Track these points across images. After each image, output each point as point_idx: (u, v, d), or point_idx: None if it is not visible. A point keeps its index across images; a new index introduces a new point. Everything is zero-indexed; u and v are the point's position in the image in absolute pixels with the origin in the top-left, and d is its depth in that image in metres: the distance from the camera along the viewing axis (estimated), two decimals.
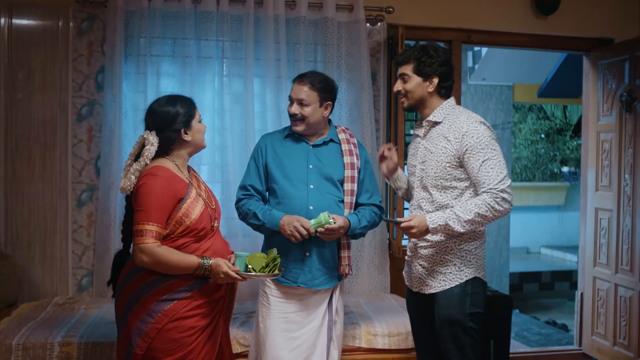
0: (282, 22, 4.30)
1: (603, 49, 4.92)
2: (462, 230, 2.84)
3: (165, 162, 2.79)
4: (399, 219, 2.93)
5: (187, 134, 2.83)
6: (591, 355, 5.01)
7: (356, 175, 3.26)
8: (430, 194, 3.00)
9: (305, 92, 3.17)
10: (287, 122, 4.25)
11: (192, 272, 2.67)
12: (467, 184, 2.95)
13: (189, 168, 2.95)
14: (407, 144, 3.80)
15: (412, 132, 3.26)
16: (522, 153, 12.48)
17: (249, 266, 2.76)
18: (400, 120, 4.37)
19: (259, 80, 4.35)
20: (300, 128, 3.22)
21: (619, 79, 4.72)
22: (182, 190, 2.74)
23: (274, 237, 3.18)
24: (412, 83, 3.02)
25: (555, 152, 12.61)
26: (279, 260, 2.82)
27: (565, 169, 12.67)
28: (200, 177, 3.01)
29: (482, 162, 2.85)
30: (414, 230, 2.83)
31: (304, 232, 3.02)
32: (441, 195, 2.97)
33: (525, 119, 12.61)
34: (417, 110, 3.11)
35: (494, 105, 7.94)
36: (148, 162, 2.76)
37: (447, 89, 3.06)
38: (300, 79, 3.22)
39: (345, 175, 3.24)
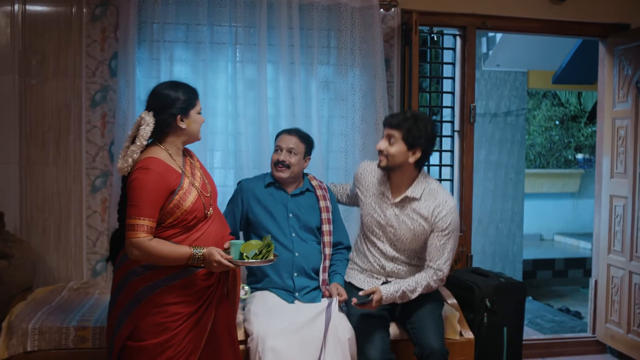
0: (296, 8, 4.28)
1: (619, 35, 4.87)
2: (400, 302, 3.32)
3: (159, 152, 2.85)
4: (367, 300, 3.22)
5: (182, 121, 2.88)
6: (605, 343, 5.00)
7: (331, 217, 3.67)
8: (399, 253, 3.47)
9: (294, 142, 3.60)
10: (300, 108, 4.30)
11: (185, 263, 2.76)
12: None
13: (186, 152, 3.02)
14: None
15: (380, 189, 3.51)
16: (536, 140, 12.41)
17: (244, 254, 2.81)
18: (414, 106, 4.35)
19: (272, 66, 4.34)
20: (285, 175, 3.58)
21: (636, 65, 4.67)
22: (175, 182, 2.81)
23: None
24: (397, 148, 3.30)
25: (569, 139, 12.52)
26: (272, 246, 2.89)
27: (579, 156, 12.59)
28: (196, 162, 3.07)
29: (442, 244, 3.33)
30: (374, 307, 3.24)
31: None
32: (407, 257, 3.48)
33: (539, 105, 12.52)
34: (390, 171, 3.42)
35: (508, 91, 7.87)
36: (144, 143, 2.81)
37: (424, 162, 3.43)
38: (288, 132, 3.66)
39: (322, 217, 3.64)
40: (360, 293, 3.24)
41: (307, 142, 3.69)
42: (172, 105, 2.86)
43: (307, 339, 3.20)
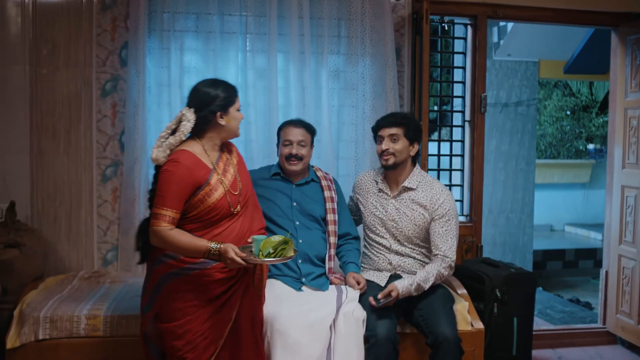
0: None
1: (631, 24, 4.83)
2: (415, 294, 3.36)
3: (193, 146, 2.94)
4: (388, 300, 3.29)
5: (222, 118, 2.96)
6: (615, 334, 4.98)
7: (336, 207, 3.68)
8: (403, 246, 3.58)
9: (303, 134, 3.61)
10: (310, 98, 4.29)
11: (202, 256, 2.84)
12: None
13: (225, 147, 3.10)
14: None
15: (378, 187, 3.69)
16: (547, 130, 12.35)
17: (261, 251, 2.84)
18: (424, 96, 4.34)
19: (282, 56, 4.33)
20: (298, 167, 3.62)
21: None
22: (203, 177, 2.90)
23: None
24: (401, 145, 3.53)
25: (580, 129, 12.46)
26: (290, 244, 2.89)
27: (590, 146, 12.53)
28: (233, 158, 3.12)
29: (445, 230, 3.46)
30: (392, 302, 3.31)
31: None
32: (411, 249, 3.58)
33: (550, 95, 12.46)
34: (393, 169, 3.58)
35: (519, 81, 7.84)
36: (184, 138, 2.92)
37: (417, 155, 3.66)
38: (293, 124, 3.65)
39: (327, 207, 3.66)
40: (379, 296, 3.29)
41: (312, 132, 3.71)
42: (212, 102, 2.94)
43: (316, 322, 3.23)
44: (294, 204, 3.62)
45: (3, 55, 4.12)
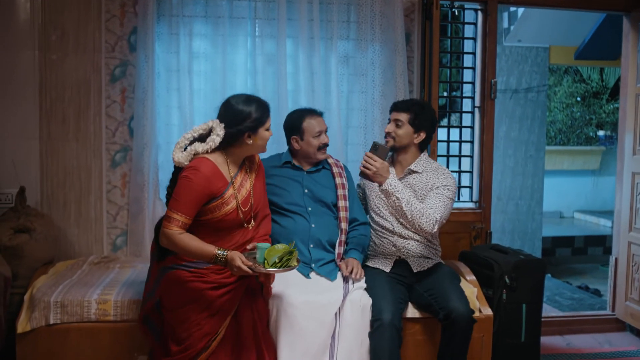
0: None
1: None
2: (398, 204, 3.33)
3: (216, 157, 3.02)
4: (385, 146, 3.39)
5: (250, 137, 3.03)
6: (624, 321, 4.98)
7: (347, 193, 3.70)
8: (407, 229, 3.56)
9: (324, 122, 3.68)
10: (319, 84, 4.28)
11: (209, 261, 2.94)
12: None
13: (247, 161, 3.18)
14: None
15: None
16: (557, 117, 12.29)
17: (266, 260, 2.90)
18: (434, 82, 4.32)
19: (291, 41, 4.32)
20: (326, 155, 3.72)
21: None
22: (219, 190, 2.99)
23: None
24: (404, 130, 3.58)
25: (591, 115, 12.39)
26: (295, 253, 2.94)
27: (600, 132, 12.46)
28: (252, 173, 3.20)
29: (436, 195, 3.47)
30: (369, 172, 3.31)
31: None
32: (413, 231, 3.53)
33: (560, 82, 12.39)
34: (395, 152, 3.67)
35: (529, 67, 7.79)
36: (210, 150, 3.00)
37: (427, 144, 3.69)
38: (316, 113, 3.68)
39: (338, 194, 3.69)
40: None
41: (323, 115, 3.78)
42: (243, 122, 3.00)
43: (322, 309, 3.26)
44: (306, 190, 3.64)
45: (12, 41, 4.12)
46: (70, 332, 3.37)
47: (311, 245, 3.55)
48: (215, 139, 2.99)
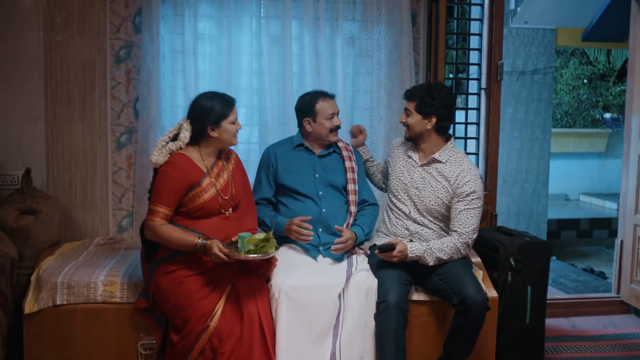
0: None
1: None
2: (431, 264, 3.39)
3: (190, 152, 3.25)
4: (390, 247, 3.34)
5: (213, 130, 3.22)
6: (629, 303, 4.98)
7: (356, 177, 3.74)
8: (422, 216, 3.57)
9: (337, 105, 3.69)
10: (325, 65, 4.27)
11: (191, 250, 3.09)
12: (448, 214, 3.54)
13: (224, 155, 3.39)
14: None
15: (408, 153, 3.69)
16: (564, 99, 12.23)
17: (244, 247, 3.04)
18: (440, 63, 4.30)
19: (297, 22, 4.29)
20: (337, 137, 3.74)
21: None
22: (195, 179, 3.19)
23: None
24: (413, 119, 3.53)
25: (597, 97, 12.32)
26: (271, 242, 3.07)
27: (607, 115, 12.38)
28: (230, 166, 3.40)
29: (466, 209, 3.43)
30: (395, 259, 3.34)
31: (305, 232, 3.46)
32: (430, 220, 3.56)
33: (567, 64, 12.31)
34: (415, 141, 3.63)
35: (536, 49, 7.74)
36: (183, 146, 3.23)
37: (446, 127, 3.61)
38: (328, 96, 3.68)
39: (348, 177, 3.71)
40: (381, 244, 3.39)
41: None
42: (205, 117, 3.20)
43: (324, 290, 3.29)
44: (317, 175, 3.66)
45: (17, 22, 4.11)
46: (76, 313, 3.39)
47: (320, 230, 3.59)
48: (185, 134, 3.22)
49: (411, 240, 3.56)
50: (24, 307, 3.35)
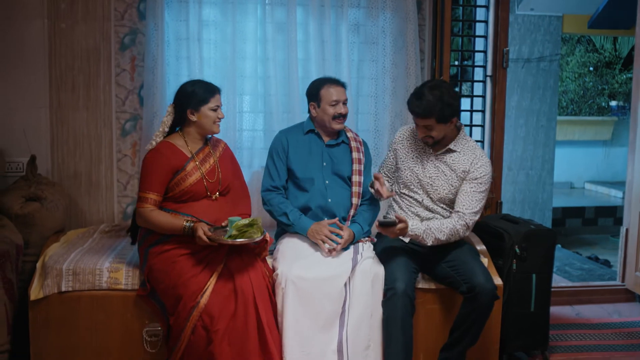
0: None
1: None
2: (429, 244, 3.35)
3: (175, 138, 3.36)
4: (391, 222, 3.25)
5: (193, 114, 3.31)
6: (634, 291, 4.97)
7: (363, 169, 3.71)
8: (435, 204, 3.53)
9: (344, 93, 3.65)
10: (330, 52, 4.25)
11: (179, 233, 3.18)
12: None
13: (210, 142, 3.48)
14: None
15: (422, 143, 3.59)
16: (569, 86, 12.18)
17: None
18: (445, 50, 4.28)
19: (301, 9, 4.28)
20: (342, 125, 3.68)
21: None
22: (179, 164, 3.28)
23: None
24: (438, 130, 3.41)
25: (603, 85, 12.27)
26: (256, 227, 3.12)
27: (613, 103, 12.34)
28: (217, 153, 3.47)
29: (472, 191, 3.42)
30: (392, 235, 3.28)
31: (335, 238, 3.46)
32: (442, 208, 3.54)
33: (573, 51, 12.25)
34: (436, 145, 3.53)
35: (542, 36, 7.69)
36: (166, 129, 3.36)
37: (459, 121, 3.57)
38: (335, 82, 3.65)
39: (354, 169, 3.68)
40: (382, 217, 3.38)
41: (346, 87, 3.73)
42: (186, 100, 3.31)
43: (330, 279, 3.30)
44: (324, 164, 3.66)
45: (22, 9, 4.10)
46: (82, 299, 3.40)
47: (326, 219, 3.59)
48: (168, 118, 3.36)
49: None
50: (30, 293, 3.36)
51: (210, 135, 3.47)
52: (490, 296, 3.22)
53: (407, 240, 3.52)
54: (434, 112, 3.33)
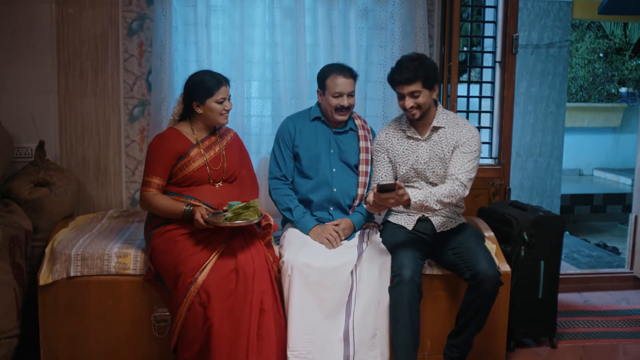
0: None
1: None
2: (437, 208, 3.25)
3: (182, 126, 3.42)
4: (392, 186, 3.08)
5: (198, 107, 3.34)
6: None
7: (370, 158, 3.65)
8: (433, 187, 3.42)
9: (352, 85, 3.56)
10: (338, 37, 4.24)
11: (180, 217, 3.23)
12: None
13: (218, 132, 3.50)
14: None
15: (407, 135, 3.55)
16: (579, 73, 12.12)
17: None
18: (454, 36, 4.25)
19: None
20: (345, 117, 3.61)
21: None
22: (184, 149, 3.33)
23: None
24: (423, 97, 3.39)
25: (613, 72, 12.20)
26: (252, 210, 3.15)
27: (623, 89, 12.28)
28: (224, 142, 3.49)
29: (463, 156, 3.38)
30: (392, 201, 3.10)
31: (336, 237, 3.44)
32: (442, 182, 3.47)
33: (583, 37, 12.19)
34: (420, 120, 3.49)
35: (552, 22, 7.65)
36: (176, 119, 3.45)
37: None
38: (343, 73, 3.54)
39: (360, 157, 3.64)
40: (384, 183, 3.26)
41: (356, 77, 3.64)
42: (192, 93, 3.35)
43: (337, 266, 3.29)
44: (332, 151, 3.63)
45: None
46: (90, 284, 3.42)
47: (331, 208, 3.60)
48: (176, 107, 3.43)
49: (424, 216, 3.54)
50: (39, 278, 3.38)
51: (218, 125, 3.48)
52: (493, 283, 3.21)
53: (414, 220, 3.51)
54: (419, 75, 3.34)
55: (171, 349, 3.21)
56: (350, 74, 3.58)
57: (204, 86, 3.30)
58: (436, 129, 3.50)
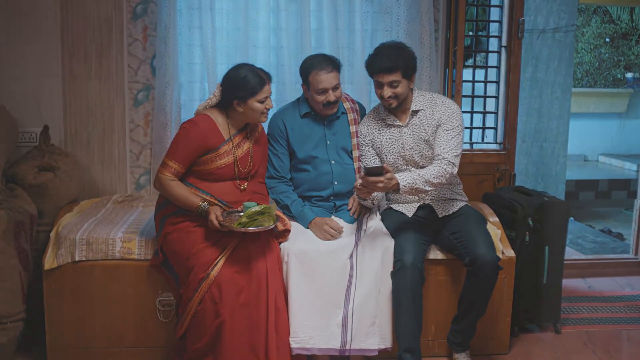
0: None
1: None
2: (428, 189, 3.23)
3: (217, 115, 3.28)
4: (380, 169, 3.08)
5: (239, 105, 3.22)
6: None
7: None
8: (424, 165, 3.44)
9: (336, 77, 3.42)
10: (343, 22, 4.22)
11: (194, 211, 3.17)
12: None
13: (250, 128, 3.39)
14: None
15: (387, 123, 3.53)
16: (585, 58, 12.07)
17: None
18: (460, 20, 4.23)
19: None
20: (333, 110, 3.52)
21: None
22: (214, 144, 3.22)
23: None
24: (402, 87, 3.36)
25: (619, 57, 12.14)
26: (267, 215, 3.09)
27: (629, 74, 12.22)
28: (252, 139, 3.40)
29: (447, 133, 3.36)
30: (381, 185, 3.05)
31: (336, 234, 3.38)
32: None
33: (589, 22, 12.12)
34: (397, 108, 3.46)
35: (558, 6, 7.59)
36: (208, 107, 3.29)
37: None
38: (324, 68, 3.39)
39: (352, 143, 3.60)
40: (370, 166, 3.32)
41: (339, 66, 3.49)
42: (234, 90, 3.19)
43: (335, 251, 3.31)
44: (328, 142, 3.59)
45: None
46: (95, 269, 3.43)
47: (331, 198, 3.61)
48: (212, 99, 3.28)
49: (424, 203, 3.54)
50: (44, 263, 3.38)
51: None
52: (492, 268, 3.20)
53: (415, 207, 3.52)
54: (399, 65, 3.31)
55: (176, 339, 3.23)
56: (332, 65, 3.42)
57: (247, 85, 3.17)
58: (415, 112, 3.47)
